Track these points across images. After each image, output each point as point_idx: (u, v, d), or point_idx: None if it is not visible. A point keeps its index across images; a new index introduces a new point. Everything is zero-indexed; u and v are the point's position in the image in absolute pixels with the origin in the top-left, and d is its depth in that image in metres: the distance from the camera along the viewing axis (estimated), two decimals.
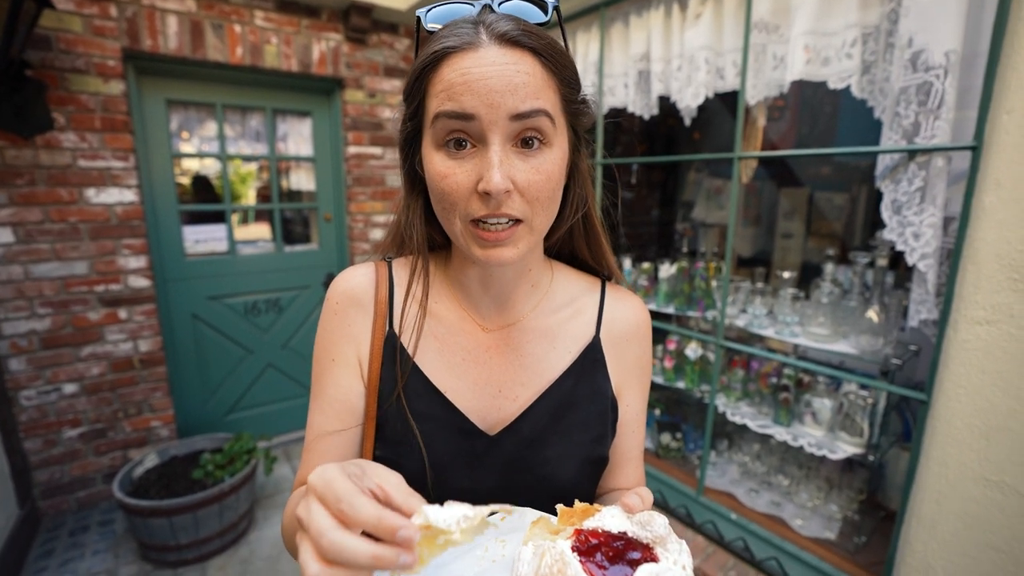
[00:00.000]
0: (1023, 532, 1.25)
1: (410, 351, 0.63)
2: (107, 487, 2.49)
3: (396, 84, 3.04)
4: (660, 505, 2.24)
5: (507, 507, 0.44)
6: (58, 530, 2.32)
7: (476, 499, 0.59)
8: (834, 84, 1.58)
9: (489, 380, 0.64)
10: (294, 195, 3.27)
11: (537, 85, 0.51)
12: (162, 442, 2.61)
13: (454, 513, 0.39)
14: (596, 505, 0.48)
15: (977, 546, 1.33)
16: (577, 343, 0.67)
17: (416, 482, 0.59)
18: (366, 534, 0.36)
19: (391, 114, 3.05)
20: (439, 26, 0.55)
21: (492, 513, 0.42)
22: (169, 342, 2.67)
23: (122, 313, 2.42)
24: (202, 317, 2.77)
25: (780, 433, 1.93)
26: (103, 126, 2.26)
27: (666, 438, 2.44)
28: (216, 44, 2.46)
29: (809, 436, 1.87)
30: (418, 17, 0.56)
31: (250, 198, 3.25)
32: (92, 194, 2.28)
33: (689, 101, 1.96)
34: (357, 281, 0.65)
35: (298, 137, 3.03)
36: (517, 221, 0.53)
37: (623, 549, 0.44)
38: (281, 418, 3.14)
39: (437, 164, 0.53)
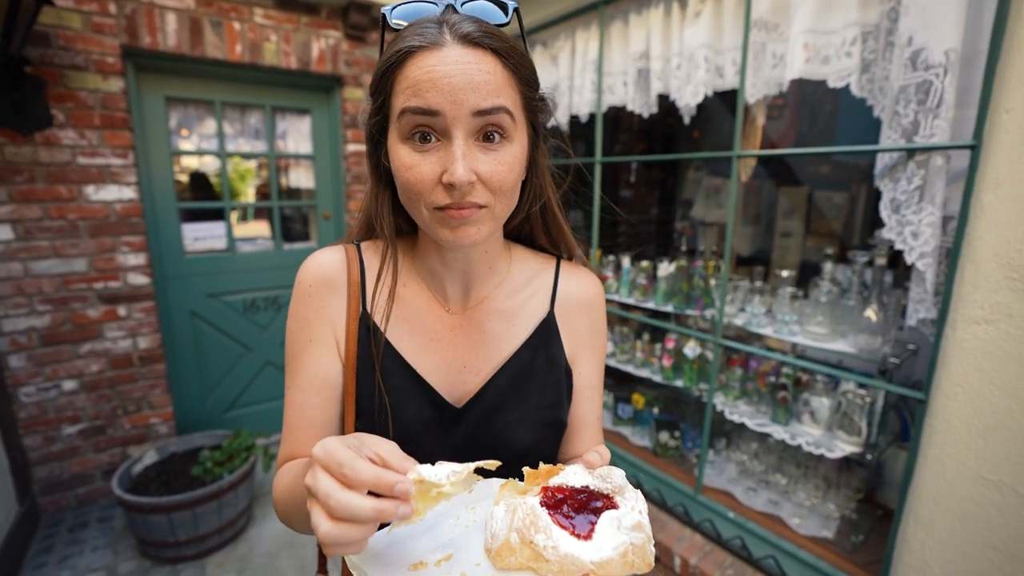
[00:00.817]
0: (1020, 531, 1.25)
1: (383, 331, 0.67)
2: (106, 484, 2.50)
3: None
4: (658, 503, 2.24)
5: (491, 462, 0.49)
6: (57, 526, 2.33)
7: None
8: (833, 83, 1.57)
9: (454, 358, 0.69)
10: (293, 193, 3.27)
11: (498, 83, 0.54)
12: (161, 439, 2.62)
13: (444, 469, 0.45)
14: (559, 465, 0.52)
15: (974, 545, 1.33)
16: (533, 319, 0.72)
17: None
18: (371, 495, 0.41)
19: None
20: (404, 23, 0.58)
21: (478, 469, 0.48)
22: (168, 339, 2.67)
23: (121, 310, 2.43)
24: (201, 314, 2.77)
25: (778, 432, 1.93)
26: (102, 123, 2.26)
27: (664, 436, 2.44)
28: (215, 41, 2.46)
29: (807, 435, 1.87)
30: (383, 14, 0.59)
31: (249, 196, 3.25)
32: (91, 191, 2.28)
33: (688, 99, 1.96)
34: (328, 264, 0.68)
35: (297, 135, 3.02)
36: (481, 206, 0.56)
37: (586, 500, 0.48)
38: (280, 415, 3.13)
39: (403, 156, 0.56)
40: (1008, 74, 1.19)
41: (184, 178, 2.86)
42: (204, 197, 2.89)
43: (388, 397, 0.65)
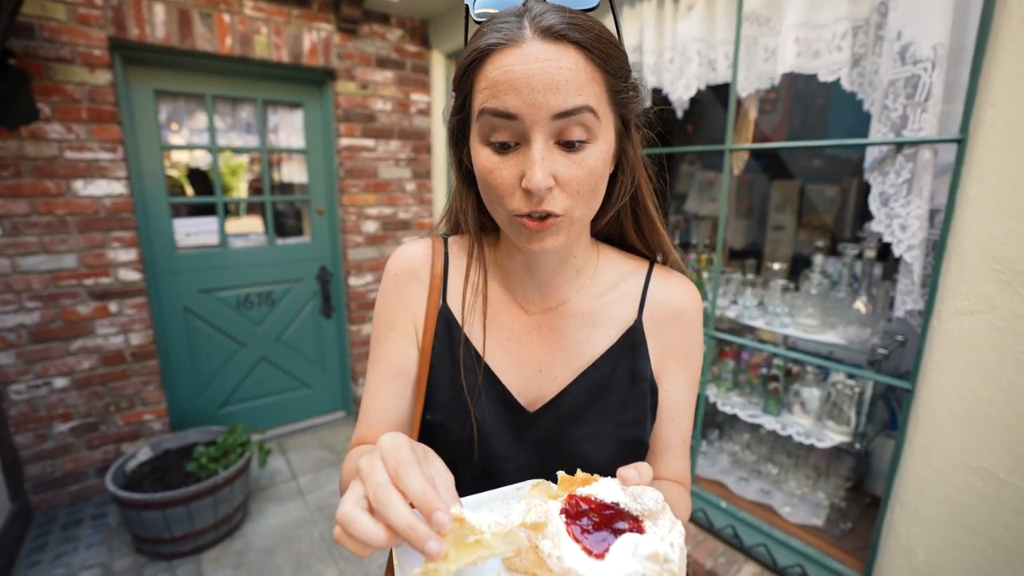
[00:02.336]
0: (1000, 515, 1.29)
1: (462, 326, 0.67)
2: (100, 481, 2.49)
3: (388, 75, 3.02)
4: None
5: (538, 523, 0.44)
6: (51, 524, 2.32)
7: (514, 469, 0.67)
8: (824, 77, 1.59)
9: (531, 360, 0.67)
10: (286, 187, 3.25)
11: (580, 81, 0.50)
12: (155, 435, 2.61)
13: (487, 518, 0.41)
14: (595, 475, 0.48)
15: (957, 529, 1.37)
16: (619, 326, 0.68)
17: (463, 448, 0.65)
18: None
19: (383, 105, 3.03)
20: (489, 9, 0.55)
21: (523, 524, 0.44)
22: (161, 335, 2.65)
23: (112, 306, 2.41)
24: (194, 310, 2.75)
25: (769, 422, 1.96)
26: (90, 117, 2.23)
27: None
28: (205, 34, 2.43)
29: (798, 425, 1.91)
30: (466, 5, 0.57)
31: (241, 191, 3.23)
32: (80, 186, 2.25)
33: (681, 93, 1.96)
34: (415, 255, 0.70)
35: (289, 129, 3.00)
36: (557, 215, 0.54)
37: (611, 518, 0.44)
38: (275, 411, 3.14)
39: (483, 159, 0.55)
40: (993, 69, 1.21)
41: (175, 173, 2.84)
42: (199, 193, 2.86)
43: (463, 393, 0.64)
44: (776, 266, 2.07)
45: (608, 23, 0.58)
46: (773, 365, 2.01)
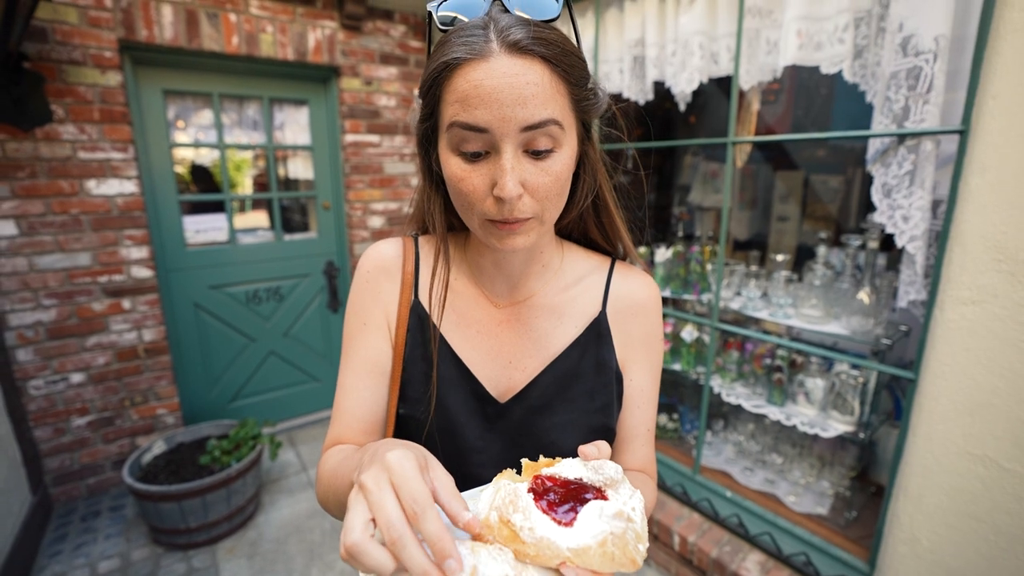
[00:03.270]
0: (1003, 502, 1.30)
1: (433, 321, 0.68)
2: (116, 473, 2.55)
3: (392, 71, 3.04)
4: (657, 483, 2.30)
5: (510, 500, 0.45)
6: (70, 515, 2.38)
7: (486, 460, 0.66)
8: (826, 69, 1.59)
9: (500, 352, 0.70)
10: (292, 184, 3.28)
11: (546, 95, 0.52)
12: (168, 429, 2.66)
13: (500, 569, 0.42)
14: (557, 458, 0.51)
15: (959, 517, 1.39)
16: (584, 318, 0.71)
17: (432, 438, 0.67)
18: None
19: (387, 101, 3.05)
20: (451, 14, 0.56)
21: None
22: (172, 331, 2.70)
23: (126, 303, 2.46)
24: (204, 306, 2.80)
25: (774, 413, 1.98)
26: (101, 117, 2.27)
27: (663, 419, 2.49)
28: (212, 33, 2.46)
29: (802, 415, 1.92)
30: (429, 12, 0.58)
31: (246, 186, 3.27)
32: (93, 185, 2.29)
33: (683, 86, 1.97)
34: (387, 253, 0.72)
35: (295, 126, 3.03)
36: (528, 218, 0.57)
37: (576, 491, 0.47)
38: (284, 404, 3.19)
39: (454, 167, 0.56)
40: (995, 60, 1.21)
41: (183, 171, 2.88)
42: (205, 189, 2.90)
43: (435, 386, 0.66)
44: (780, 257, 2.08)
45: (567, 30, 0.61)
46: (777, 356, 2.02)
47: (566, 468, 0.49)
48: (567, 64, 0.55)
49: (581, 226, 0.76)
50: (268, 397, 3.13)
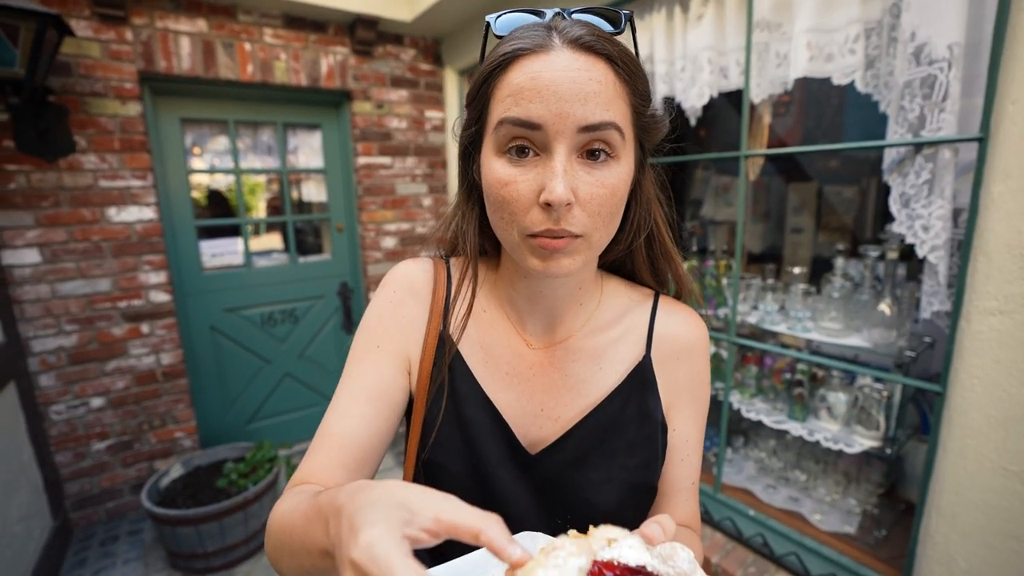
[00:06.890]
0: None
1: (464, 357, 0.62)
2: (135, 498, 2.56)
3: (403, 94, 3.09)
4: None
5: None
6: (89, 540, 2.39)
7: (517, 512, 0.60)
8: (838, 80, 1.58)
9: (532, 398, 0.63)
10: (305, 206, 3.33)
11: (609, 95, 0.48)
12: (186, 452, 2.67)
13: None
14: (610, 527, 0.43)
15: (998, 536, 1.33)
16: (625, 363, 0.64)
17: (461, 486, 0.59)
18: None
19: (398, 123, 3.10)
20: (510, 20, 0.53)
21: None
22: (190, 354, 2.73)
23: (144, 328, 2.49)
24: (220, 329, 2.83)
25: (795, 428, 1.93)
26: (122, 147, 2.33)
27: None
28: (227, 63, 2.53)
29: (825, 431, 1.87)
30: (487, 22, 0.54)
31: (261, 210, 3.32)
32: (113, 213, 2.35)
33: (694, 101, 1.97)
34: (416, 275, 0.65)
35: (308, 149, 3.09)
36: (576, 235, 0.51)
37: None
38: (300, 426, 3.19)
39: (497, 170, 0.51)
40: (1012, 65, 1.20)
41: (199, 196, 2.93)
42: (220, 214, 2.95)
43: (462, 428, 0.59)
44: (796, 270, 2.05)
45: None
46: (797, 370, 1.98)
47: (626, 549, 0.40)
48: (632, 71, 0.51)
49: (629, 265, 0.68)
50: (284, 419, 3.13)
